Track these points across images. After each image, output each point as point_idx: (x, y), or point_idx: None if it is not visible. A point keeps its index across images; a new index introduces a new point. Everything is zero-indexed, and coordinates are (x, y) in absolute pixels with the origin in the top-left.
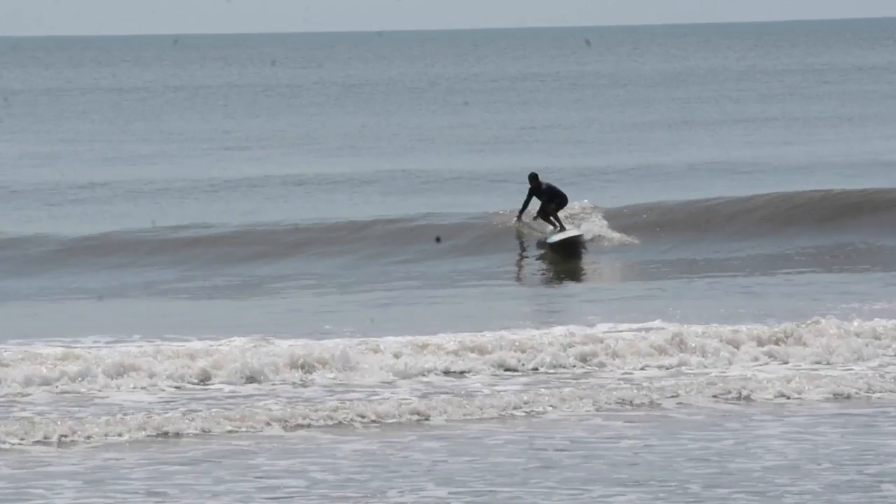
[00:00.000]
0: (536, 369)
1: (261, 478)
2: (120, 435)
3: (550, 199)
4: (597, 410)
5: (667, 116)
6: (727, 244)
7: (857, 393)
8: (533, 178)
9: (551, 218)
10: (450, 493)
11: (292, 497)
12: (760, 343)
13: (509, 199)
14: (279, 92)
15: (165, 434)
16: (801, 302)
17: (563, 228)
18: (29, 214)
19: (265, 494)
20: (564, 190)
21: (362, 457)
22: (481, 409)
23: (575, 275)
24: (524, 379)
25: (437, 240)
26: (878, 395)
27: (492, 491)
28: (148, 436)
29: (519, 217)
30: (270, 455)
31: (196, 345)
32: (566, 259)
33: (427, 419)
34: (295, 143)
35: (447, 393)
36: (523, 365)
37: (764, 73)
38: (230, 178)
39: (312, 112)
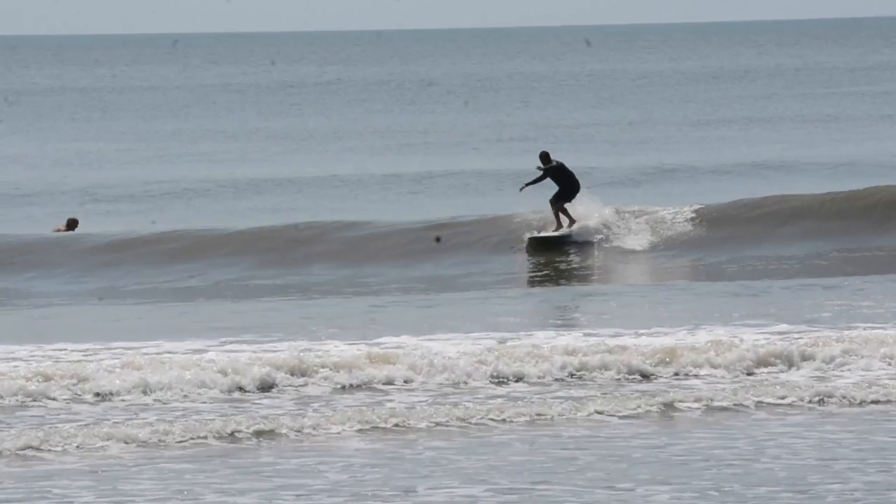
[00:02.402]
0: None
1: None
2: None
3: (560, 184)
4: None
5: (693, 115)
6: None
7: None
8: (544, 157)
9: (560, 214)
10: (483, 491)
11: (317, 494)
12: None
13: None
14: (282, 92)
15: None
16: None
17: (560, 227)
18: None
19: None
20: (579, 178)
21: (373, 455)
22: None
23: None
24: None
25: (437, 240)
26: None
27: (525, 489)
28: None
29: (523, 187)
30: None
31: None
32: (542, 252)
33: None
34: (306, 143)
35: None
36: None
37: (801, 71)
38: (250, 176)
39: (322, 111)
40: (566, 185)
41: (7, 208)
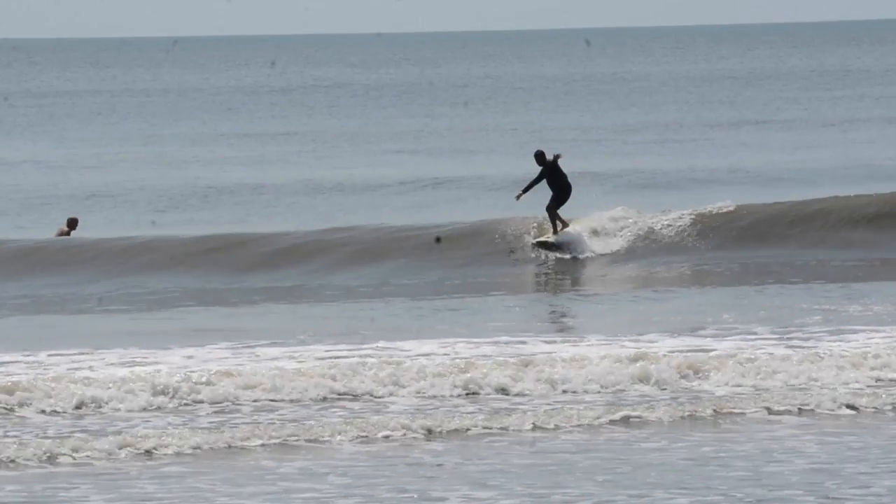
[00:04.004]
0: None
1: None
2: None
3: (554, 188)
4: None
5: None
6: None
7: None
8: (539, 156)
9: (555, 216)
10: (497, 495)
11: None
12: None
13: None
14: (296, 93)
15: None
16: None
17: (556, 232)
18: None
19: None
20: (572, 181)
21: (372, 459)
22: None
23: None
24: None
25: (438, 240)
26: None
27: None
28: None
29: (520, 194)
30: None
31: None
32: (543, 257)
33: None
34: (320, 145)
35: None
36: None
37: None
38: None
39: (334, 114)
40: (559, 188)
41: (17, 210)
